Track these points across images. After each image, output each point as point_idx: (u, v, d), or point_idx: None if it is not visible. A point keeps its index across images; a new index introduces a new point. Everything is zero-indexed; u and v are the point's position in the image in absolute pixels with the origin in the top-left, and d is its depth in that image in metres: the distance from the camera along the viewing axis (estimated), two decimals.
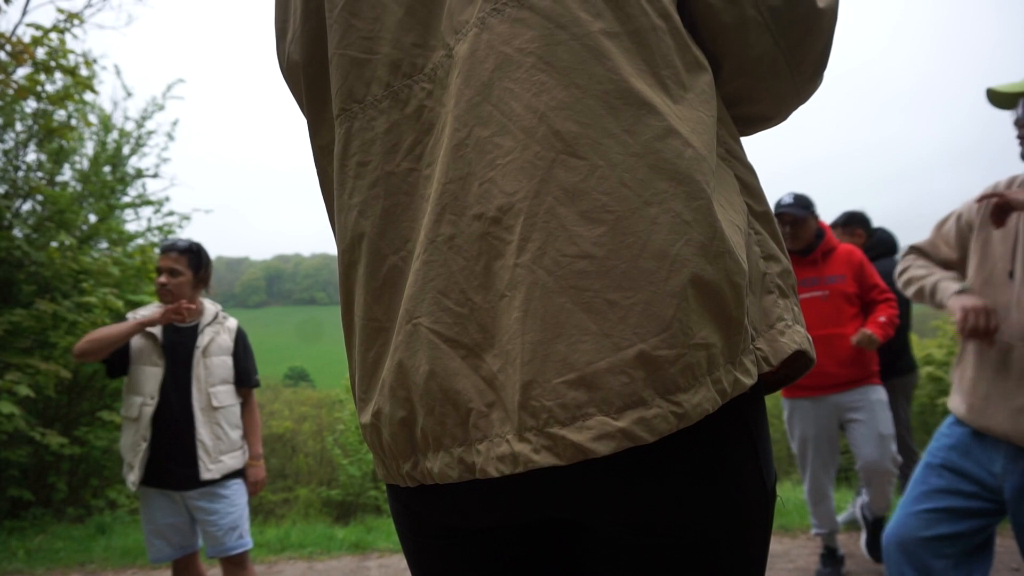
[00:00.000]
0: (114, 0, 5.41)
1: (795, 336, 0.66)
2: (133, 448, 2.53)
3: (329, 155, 0.75)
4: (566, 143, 0.58)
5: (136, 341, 2.57)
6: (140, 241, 6.78)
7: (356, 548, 4.39)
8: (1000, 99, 1.83)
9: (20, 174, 5.85)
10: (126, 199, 6.67)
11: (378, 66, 0.68)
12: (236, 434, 2.65)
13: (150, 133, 6.75)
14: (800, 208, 3.07)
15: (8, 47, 4.35)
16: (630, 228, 0.57)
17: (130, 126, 6.74)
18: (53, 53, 4.82)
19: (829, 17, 0.69)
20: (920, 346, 7.53)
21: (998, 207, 1.71)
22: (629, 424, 0.55)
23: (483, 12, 0.62)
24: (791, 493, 4.99)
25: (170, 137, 6.83)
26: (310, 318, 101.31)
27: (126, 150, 6.67)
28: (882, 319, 2.99)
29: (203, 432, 2.53)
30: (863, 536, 3.42)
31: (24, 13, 4.86)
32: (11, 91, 4.60)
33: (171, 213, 6.94)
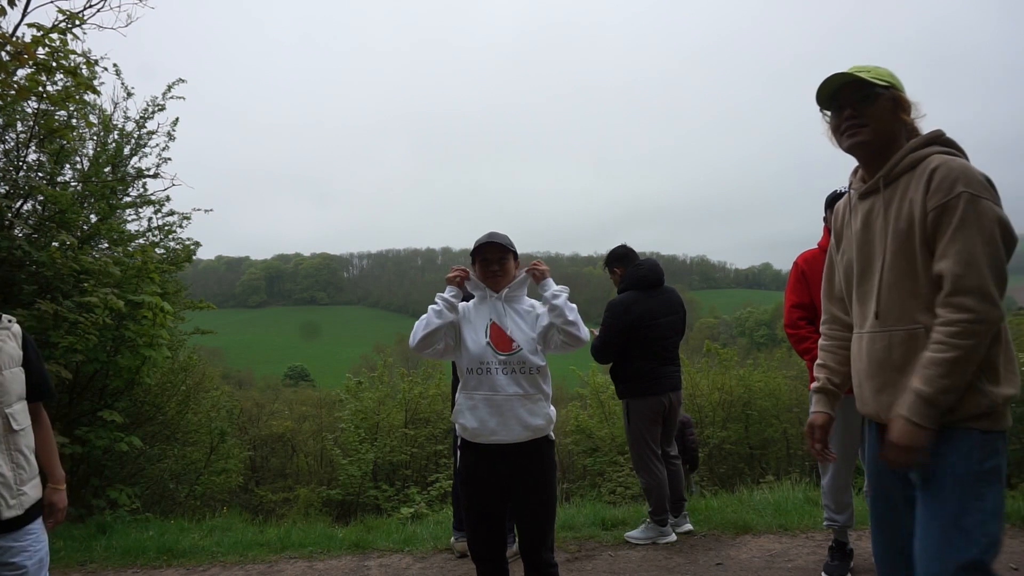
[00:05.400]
0: (113, 0, 5.39)
1: None
2: None
3: None
4: None
5: None
6: (141, 241, 6.80)
7: (356, 548, 4.39)
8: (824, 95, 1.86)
9: (21, 174, 5.86)
10: (127, 199, 6.69)
11: None
12: (34, 458, 2.31)
13: (151, 133, 6.77)
14: None
15: (9, 47, 4.35)
16: None
17: (130, 126, 6.76)
18: (54, 53, 4.82)
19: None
20: None
21: None
22: None
23: None
24: (790, 493, 4.99)
25: (170, 137, 6.85)
26: (310, 318, 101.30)
27: (127, 150, 6.69)
28: None
29: (2, 462, 2.16)
30: None
31: (25, 13, 4.86)
32: (12, 92, 4.60)
33: (171, 213, 6.98)
